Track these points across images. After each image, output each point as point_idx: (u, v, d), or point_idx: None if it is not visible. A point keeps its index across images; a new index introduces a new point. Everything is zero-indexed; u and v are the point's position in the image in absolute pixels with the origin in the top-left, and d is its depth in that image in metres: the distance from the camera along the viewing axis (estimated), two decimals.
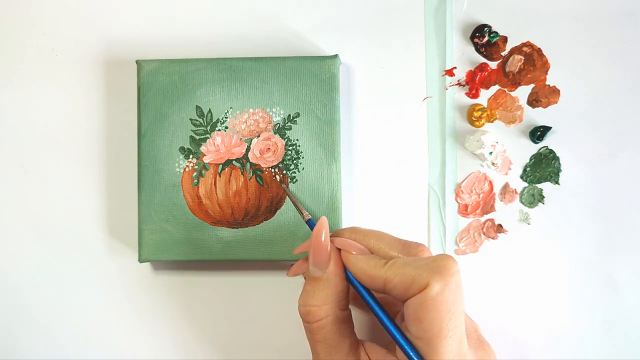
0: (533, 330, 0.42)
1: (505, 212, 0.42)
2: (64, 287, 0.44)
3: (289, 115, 0.41)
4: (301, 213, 0.38)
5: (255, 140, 0.41)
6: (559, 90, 0.42)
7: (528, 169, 0.42)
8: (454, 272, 0.31)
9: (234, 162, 0.41)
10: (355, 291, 0.34)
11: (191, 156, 0.41)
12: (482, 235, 0.42)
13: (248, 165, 0.41)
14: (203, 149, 0.41)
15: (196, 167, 0.41)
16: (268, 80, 0.41)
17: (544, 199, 0.42)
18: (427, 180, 0.43)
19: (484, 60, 0.42)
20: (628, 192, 0.42)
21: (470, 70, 0.42)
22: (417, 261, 0.32)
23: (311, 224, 0.37)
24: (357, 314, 0.38)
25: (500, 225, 0.42)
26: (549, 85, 0.42)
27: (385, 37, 0.43)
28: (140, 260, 0.41)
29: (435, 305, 0.30)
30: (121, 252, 0.44)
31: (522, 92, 0.42)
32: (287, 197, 0.40)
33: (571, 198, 0.42)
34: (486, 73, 0.42)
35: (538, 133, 0.42)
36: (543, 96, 0.42)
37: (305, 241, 0.37)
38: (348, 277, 0.34)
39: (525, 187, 0.42)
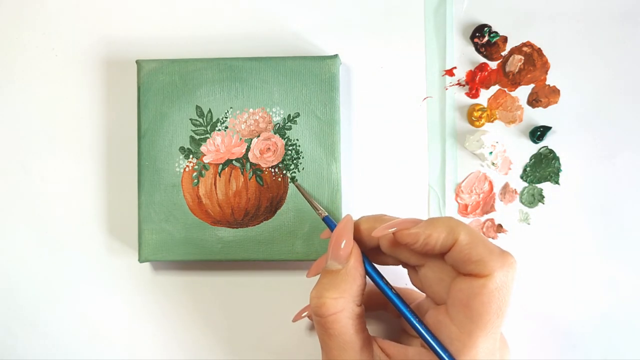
0: (533, 330, 0.42)
1: (505, 212, 0.42)
2: (64, 286, 0.44)
3: (289, 115, 0.41)
4: (317, 210, 0.38)
5: (255, 140, 0.41)
6: (559, 90, 0.42)
7: (528, 169, 0.42)
8: (515, 269, 0.30)
9: (234, 162, 0.41)
10: (376, 285, 0.34)
11: (191, 156, 0.41)
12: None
13: (248, 165, 0.41)
14: (203, 148, 0.41)
15: (196, 167, 0.41)
16: (268, 80, 0.41)
17: (544, 199, 0.42)
18: (427, 180, 0.43)
19: (484, 60, 0.42)
20: (628, 192, 0.42)
21: (470, 70, 0.42)
22: (486, 242, 0.31)
23: (328, 221, 0.37)
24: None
25: (500, 225, 0.42)
26: (549, 85, 0.42)
27: (385, 37, 0.43)
28: (140, 260, 0.41)
29: (491, 298, 0.30)
30: (121, 252, 0.44)
31: (522, 92, 0.42)
32: (290, 196, 0.40)
33: (571, 198, 0.42)
34: (486, 73, 0.42)
35: (538, 133, 0.42)
36: (543, 96, 0.42)
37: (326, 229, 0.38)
38: (368, 272, 0.34)
39: (525, 187, 0.42)
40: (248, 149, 0.41)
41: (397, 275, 0.39)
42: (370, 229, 0.34)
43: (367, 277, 0.34)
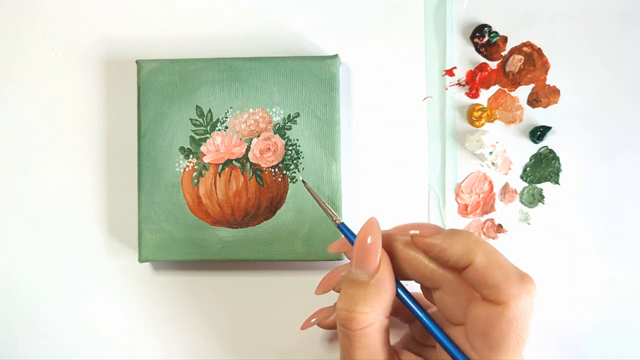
0: (533, 330, 0.42)
1: (505, 212, 0.42)
2: (64, 287, 0.44)
3: (289, 115, 0.41)
4: (331, 217, 0.35)
5: (255, 140, 0.41)
6: (559, 90, 0.42)
7: (528, 169, 0.42)
8: (534, 295, 0.29)
9: (234, 162, 0.41)
10: (401, 301, 0.32)
11: (191, 156, 0.41)
12: (482, 236, 0.42)
13: (248, 165, 0.41)
14: (203, 148, 0.41)
15: (196, 167, 0.41)
16: (268, 80, 0.41)
17: (544, 199, 0.42)
18: (427, 180, 0.43)
19: (484, 60, 0.42)
20: (628, 192, 0.42)
21: (470, 70, 0.42)
22: (505, 265, 0.29)
23: (344, 228, 0.34)
24: None
25: (500, 225, 0.42)
26: (549, 85, 0.42)
27: (385, 37, 0.43)
28: (140, 260, 0.41)
29: (509, 327, 0.28)
30: (121, 252, 0.44)
31: (522, 92, 0.42)
32: (290, 196, 0.40)
33: (571, 198, 0.42)
34: (486, 73, 0.42)
35: (538, 133, 0.42)
36: (543, 96, 0.42)
37: (338, 239, 0.35)
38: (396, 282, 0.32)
39: (525, 187, 0.42)
40: (248, 149, 0.41)
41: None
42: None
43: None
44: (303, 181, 0.40)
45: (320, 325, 0.38)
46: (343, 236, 0.35)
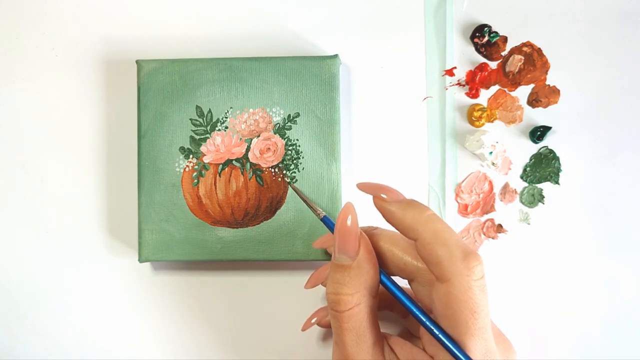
0: (533, 330, 0.42)
1: (505, 212, 0.42)
2: (64, 287, 0.44)
3: (289, 115, 0.41)
4: (315, 211, 0.38)
5: (255, 140, 0.41)
6: (559, 90, 0.42)
7: (528, 169, 0.42)
8: (478, 272, 0.30)
9: (234, 162, 0.41)
10: (384, 287, 0.33)
11: (191, 156, 0.41)
12: (482, 235, 0.42)
13: (248, 165, 0.41)
14: (203, 148, 0.41)
15: (196, 167, 0.41)
16: (268, 80, 0.41)
17: (544, 199, 0.42)
18: (427, 180, 0.43)
19: (484, 60, 0.42)
20: (628, 192, 0.42)
21: (470, 70, 0.42)
22: (450, 243, 0.30)
23: (327, 221, 0.37)
24: None
25: (500, 225, 0.42)
26: (549, 85, 0.42)
27: (385, 37, 0.43)
28: (140, 260, 0.41)
29: (458, 303, 0.29)
30: (121, 252, 0.44)
31: (522, 92, 0.42)
32: (290, 196, 0.40)
33: (571, 198, 0.42)
34: (486, 73, 0.42)
35: (538, 133, 0.42)
36: (543, 96, 0.42)
37: (323, 235, 0.37)
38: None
39: (525, 187, 0.42)
40: (248, 149, 0.41)
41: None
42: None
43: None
44: (289, 182, 0.40)
45: (319, 324, 0.39)
46: (328, 231, 0.36)
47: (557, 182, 0.42)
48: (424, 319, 0.32)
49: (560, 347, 0.42)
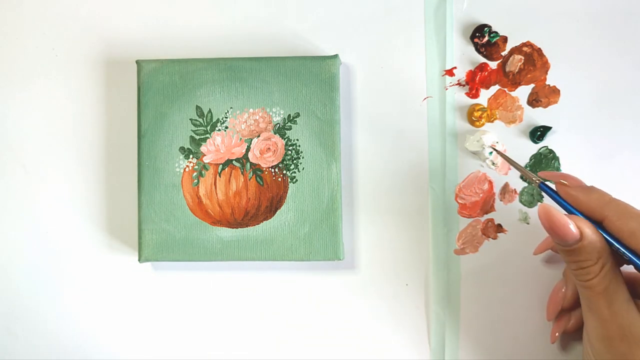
0: (533, 329, 0.42)
1: (505, 212, 0.42)
2: (64, 287, 0.44)
3: (289, 115, 0.41)
4: (530, 178, 0.37)
5: (255, 140, 0.41)
6: (559, 90, 0.42)
7: (528, 169, 0.42)
8: None
9: (234, 162, 0.41)
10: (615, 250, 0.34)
11: (191, 156, 0.41)
12: (482, 235, 0.42)
13: (248, 165, 0.41)
14: (203, 149, 0.41)
15: (196, 167, 0.41)
16: (268, 80, 0.41)
17: (544, 199, 0.42)
18: (427, 180, 0.43)
19: (484, 60, 0.42)
20: (628, 192, 0.42)
21: (470, 70, 0.42)
22: (637, 217, 0.33)
23: (543, 188, 0.36)
24: None
25: (499, 225, 0.42)
26: (549, 85, 0.42)
27: (385, 37, 0.43)
28: (140, 260, 0.41)
29: None
30: (121, 252, 0.44)
31: (522, 92, 0.42)
32: (290, 196, 0.40)
33: None
34: (486, 73, 0.42)
35: (538, 133, 0.42)
36: (543, 96, 0.42)
37: (539, 243, 0.40)
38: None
39: (524, 187, 0.42)
40: (248, 149, 0.41)
41: None
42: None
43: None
44: (494, 148, 0.40)
45: (566, 331, 0.40)
46: (545, 238, 0.39)
47: None
48: None
49: (560, 346, 0.42)
